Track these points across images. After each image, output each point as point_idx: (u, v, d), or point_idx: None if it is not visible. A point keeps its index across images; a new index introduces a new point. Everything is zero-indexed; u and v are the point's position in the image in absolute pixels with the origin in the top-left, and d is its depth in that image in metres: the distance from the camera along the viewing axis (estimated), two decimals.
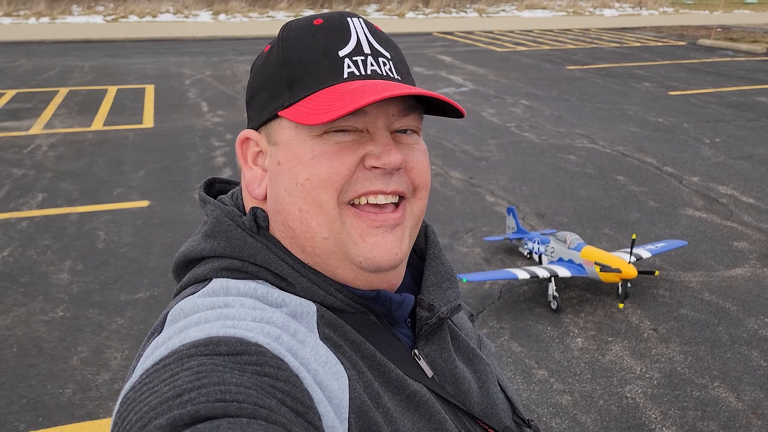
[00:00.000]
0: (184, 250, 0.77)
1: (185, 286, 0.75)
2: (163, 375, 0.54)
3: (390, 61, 0.74)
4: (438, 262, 0.84)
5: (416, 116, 0.75)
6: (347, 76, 0.71)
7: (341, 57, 0.71)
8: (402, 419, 0.68)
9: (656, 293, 4.19)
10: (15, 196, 5.74)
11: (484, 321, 3.86)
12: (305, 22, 0.75)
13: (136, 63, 12.90)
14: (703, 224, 5.28)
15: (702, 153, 7.23)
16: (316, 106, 0.68)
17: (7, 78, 11.15)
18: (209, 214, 0.77)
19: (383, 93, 0.66)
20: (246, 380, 0.53)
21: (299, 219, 0.71)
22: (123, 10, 21.31)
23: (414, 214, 0.75)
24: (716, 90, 10.70)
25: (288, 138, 0.72)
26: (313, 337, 0.66)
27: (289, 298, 0.70)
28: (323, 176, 0.69)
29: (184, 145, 7.33)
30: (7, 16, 20.03)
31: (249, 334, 0.59)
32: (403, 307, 0.76)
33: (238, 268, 0.72)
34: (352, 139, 0.70)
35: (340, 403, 0.62)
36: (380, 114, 0.71)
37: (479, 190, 6.05)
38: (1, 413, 3.03)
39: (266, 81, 0.75)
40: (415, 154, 0.75)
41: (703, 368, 3.42)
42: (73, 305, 3.97)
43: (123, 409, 0.53)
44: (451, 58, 13.96)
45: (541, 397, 3.20)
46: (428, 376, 0.76)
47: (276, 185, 0.73)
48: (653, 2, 27.97)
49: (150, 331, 0.69)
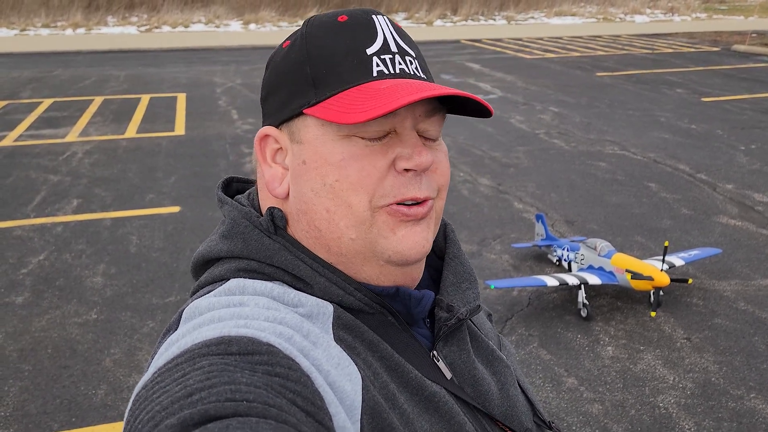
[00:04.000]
0: (202, 251, 0.77)
1: (202, 285, 0.75)
2: (175, 374, 0.54)
3: (416, 59, 0.74)
4: (457, 262, 0.83)
5: (440, 117, 0.74)
6: (377, 74, 0.70)
7: (369, 55, 0.70)
8: (419, 421, 0.68)
9: (689, 302, 4.11)
10: (51, 201, 5.88)
11: (513, 328, 3.83)
12: (329, 18, 0.74)
13: (169, 72, 13.14)
14: (737, 232, 5.16)
15: (737, 160, 7.08)
16: (349, 104, 0.67)
17: (45, 87, 11.45)
18: (226, 215, 0.77)
19: (421, 93, 0.65)
20: (256, 380, 0.53)
21: (326, 219, 0.71)
22: (156, 21, 21.75)
23: (437, 211, 0.75)
24: (752, 96, 10.48)
25: (314, 137, 0.71)
26: (326, 338, 0.65)
27: (306, 299, 0.69)
28: (354, 179, 0.69)
29: (215, 152, 7.44)
30: (45, 27, 20.60)
31: (261, 334, 0.59)
32: (423, 304, 0.75)
33: (255, 269, 0.72)
34: (382, 143, 0.70)
35: (353, 404, 0.61)
36: (408, 115, 0.70)
37: (507, 197, 6.01)
38: (36, 413, 3.10)
39: (288, 77, 0.73)
40: (438, 155, 0.74)
41: (738, 379, 3.34)
42: (107, 308, 4.04)
43: (135, 408, 0.54)
44: (479, 66, 13.93)
45: (571, 406, 3.15)
46: (447, 377, 0.75)
47: (301, 185, 0.72)
48: (686, 8, 27.55)
49: (165, 328, 0.69)
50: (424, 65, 0.76)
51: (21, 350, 3.60)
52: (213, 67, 13.82)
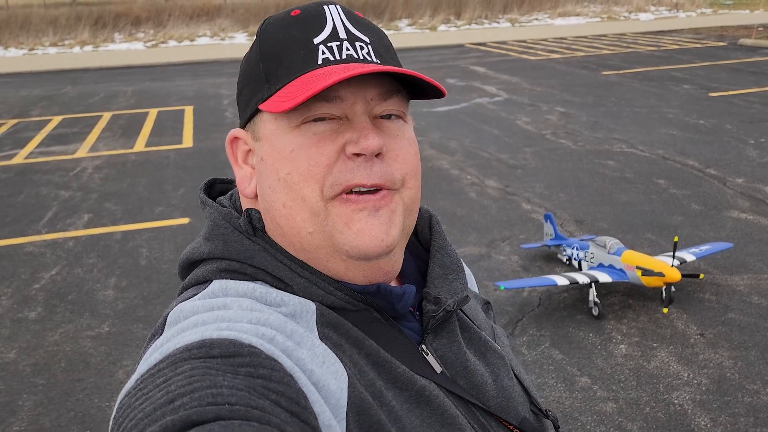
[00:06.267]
0: (187, 252, 0.78)
1: (186, 287, 0.76)
2: (157, 380, 0.54)
3: (368, 45, 0.72)
4: (443, 253, 0.82)
5: (399, 100, 0.72)
6: (321, 62, 0.69)
7: (315, 44, 0.70)
8: (409, 416, 0.67)
9: (702, 297, 4.07)
10: (62, 217, 5.93)
11: (524, 329, 3.81)
12: (283, 15, 0.74)
13: (176, 86, 13.24)
14: (749, 226, 5.12)
15: (746, 154, 7.02)
16: (288, 94, 0.67)
17: (54, 105, 11.57)
18: (208, 217, 0.77)
19: (348, 72, 0.64)
20: (239, 382, 0.53)
21: (284, 215, 0.71)
22: (162, 36, 21.93)
23: (405, 202, 0.73)
24: (760, 90, 10.40)
25: (269, 132, 0.71)
26: (311, 337, 0.65)
27: (288, 298, 0.69)
28: (303, 169, 0.68)
29: (223, 163, 7.47)
30: (53, 45, 20.83)
31: (243, 336, 0.58)
32: (405, 299, 0.74)
33: (236, 269, 0.72)
34: (331, 128, 0.68)
35: (338, 402, 0.61)
36: (357, 99, 0.69)
37: (515, 198, 5.99)
38: (51, 426, 3.12)
39: (247, 78, 0.74)
40: (399, 141, 0.72)
41: (754, 373, 3.30)
42: (119, 321, 4.07)
43: (119, 415, 0.53)
44: (484, 69, 13.93)
45: (585, 405, 3.13)
46: (437, 371, 0.74)
47: (261, 182, 0.73)
48: (690, 4, 27.41)
49: (151, 333, 0.69)
50: (383, 51, 0.73)
51: (35, 365, 3.63)
52: (219, 79, 13.90)
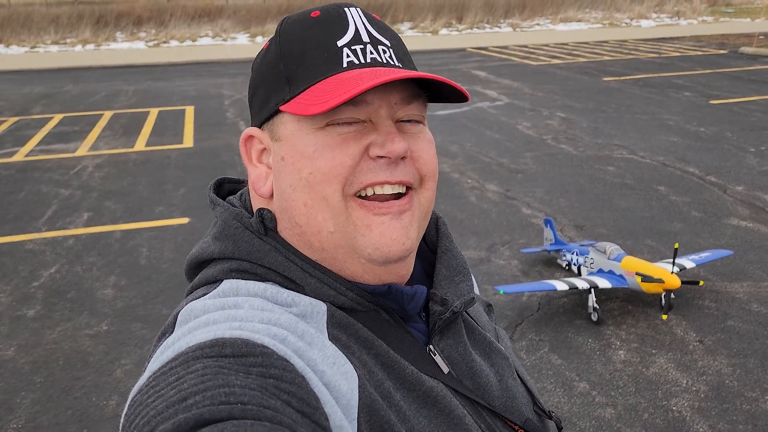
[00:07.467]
0: (195, 252, 0.78)
1: (196, 287, 0.75)
2: (170, 378, 0.54)
3: (390, 48, 0.73)
4: (450, 255, 0.82)
5: (420, 104, 0.73)
6: (346, 65, 0.69)
7: (339, 47, 0.70)
8: (417, 417, 0.68)
9: (701, 304, 4.07)
10: (62, 215, 5.93)
11: (523, 333, 3.81)
12: (303, 15, 0.74)
13: (178, 85, 13.25)
14: (749, 234, 5.12)
15: (747, 162, 7.03)
16: (315, 97, 0.67)
17: (56, 103, 11.57)
18: (218, 216, 0.77)
19: (381, 78, 0.65)
20: (251, 382, 0.53)
21: (305, 214, 0.71)
22: (164, 36, 21.95)
23: (422, 205, 0.74)
24: (760, 98, 10.42)
25: (290, 132, 0.71)
26: (321, 338, 0.65)
27: (299, 298, 0.69)
28: (326, 169, 0.68)
29: (224, 163, 7.48)
30: (55, 44, 20.84)
31: (255, 336, 0.59)
32: (416, 300, 0.75)
33: (247, 269, 0.72)
34: (355, 130, 0.69)
35: (349, 402, 0.61)
36: (382, 103, 0.70)
37: (516, 202, 6.00)
38: (49, 424, 3.12)
39: (265, 77, 0.74)
40: (420, 143, 0.73)
41: (753, 381, 3.31)
42: (118, 319, 4.07)
43: (131, 412, 0.54)
44: (485, 73, 13.95)
45: (583, 410, 3.13)
46: (444, 371, 0.75)
47: (280, 181, 0.73)
48: (692, 11, 27.48)
49: (161, 331, 0.69)
50: (401, 54, 0.75)
51: (33, 362, 3.63)
52: (221, 79, 13.92)
